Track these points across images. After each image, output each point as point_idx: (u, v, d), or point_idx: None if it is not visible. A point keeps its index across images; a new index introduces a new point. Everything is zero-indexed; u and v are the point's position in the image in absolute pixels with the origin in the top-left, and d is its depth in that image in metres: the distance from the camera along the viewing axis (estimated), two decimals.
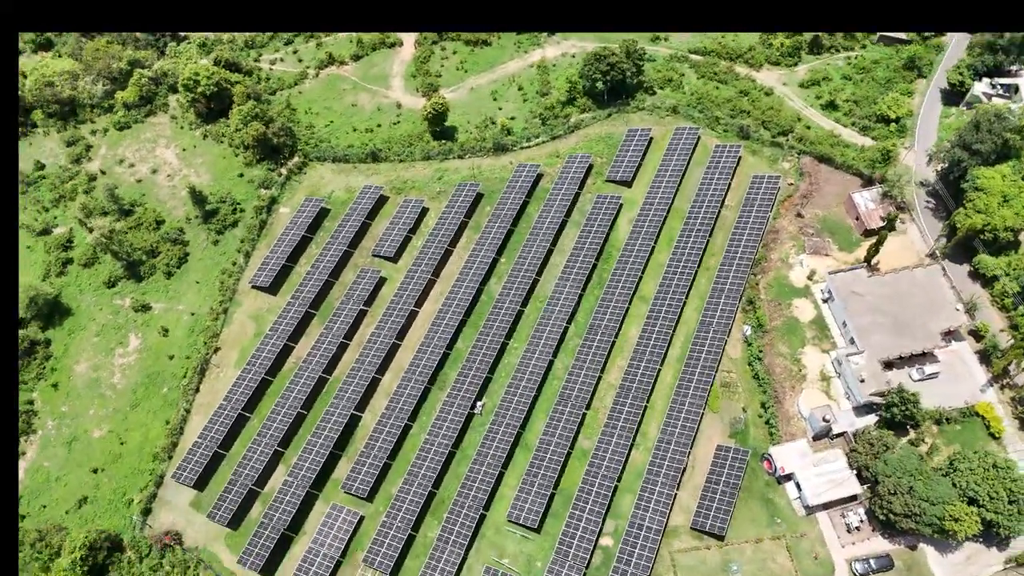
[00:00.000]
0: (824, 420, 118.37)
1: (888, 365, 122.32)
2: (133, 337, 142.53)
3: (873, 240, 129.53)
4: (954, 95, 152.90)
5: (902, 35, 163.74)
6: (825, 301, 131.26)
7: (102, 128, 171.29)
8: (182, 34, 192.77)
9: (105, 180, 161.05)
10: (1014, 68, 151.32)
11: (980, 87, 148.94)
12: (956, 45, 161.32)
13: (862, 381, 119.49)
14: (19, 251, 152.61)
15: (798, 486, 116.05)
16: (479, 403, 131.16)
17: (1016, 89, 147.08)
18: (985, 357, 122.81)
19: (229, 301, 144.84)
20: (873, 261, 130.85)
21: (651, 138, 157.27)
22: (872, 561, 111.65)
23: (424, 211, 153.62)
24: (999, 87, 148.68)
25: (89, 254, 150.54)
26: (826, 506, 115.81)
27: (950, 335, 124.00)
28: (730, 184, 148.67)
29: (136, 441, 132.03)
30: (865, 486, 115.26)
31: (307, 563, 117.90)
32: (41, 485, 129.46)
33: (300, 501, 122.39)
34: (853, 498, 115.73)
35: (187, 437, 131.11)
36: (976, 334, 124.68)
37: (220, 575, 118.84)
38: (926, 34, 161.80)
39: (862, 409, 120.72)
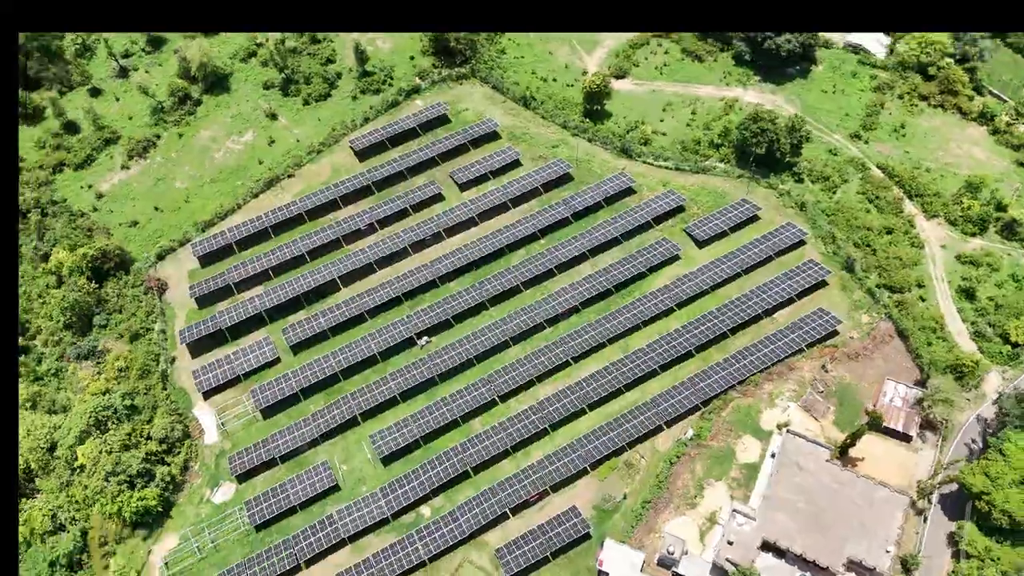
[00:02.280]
0: (669, 552, 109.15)
1: (778, 552, 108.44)
2: (250, 133, 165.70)
3: (858, 432, 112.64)
4: None
5: None
6: (773, 456, 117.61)
7: None
8: None
9: None
10: None
11: None
12: None
13: (729, 543, 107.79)
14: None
15: None
16: (426, 338, 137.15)
17: None
18: None
19: (327, 148, 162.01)
20: (850, 452, 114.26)
21: (756, 217, 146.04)
22: None
23: (516, 164, 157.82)
24: None
25: (267, 58, 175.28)
26: None
27: (864, 570, 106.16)
28: (793, 300, 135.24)
29: (195, 206, 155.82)
30: None
31: (217, 365, 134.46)
32: (122, 196, 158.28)
33: (248, 318, 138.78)
34: None
35: (223, 224, 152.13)
36: None
37: (164, 330, 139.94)
38: None
39: (718, 571, 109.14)
